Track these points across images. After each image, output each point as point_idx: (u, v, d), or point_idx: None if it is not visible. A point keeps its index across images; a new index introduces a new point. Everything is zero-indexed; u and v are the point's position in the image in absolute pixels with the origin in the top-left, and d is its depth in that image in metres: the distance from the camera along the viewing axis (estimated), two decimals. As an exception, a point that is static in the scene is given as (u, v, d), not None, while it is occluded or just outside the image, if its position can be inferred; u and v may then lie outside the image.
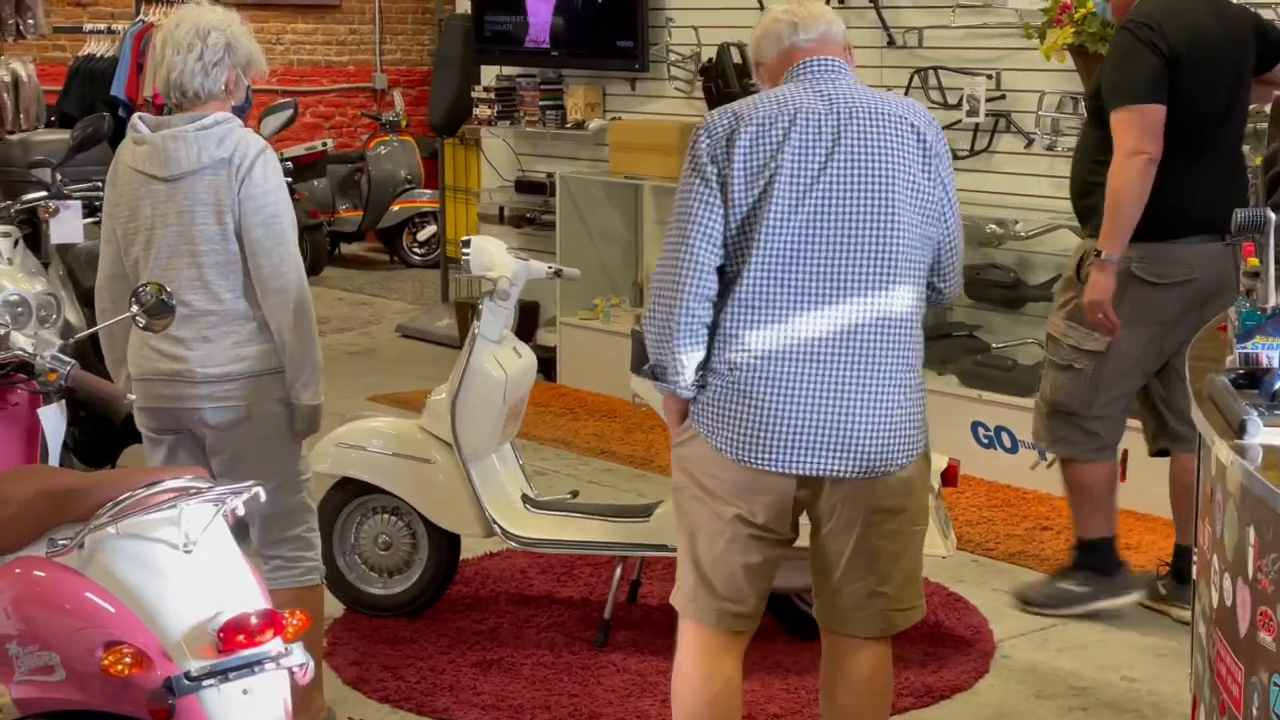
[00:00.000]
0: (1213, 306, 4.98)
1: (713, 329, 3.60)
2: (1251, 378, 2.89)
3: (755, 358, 3.56)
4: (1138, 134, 5.00)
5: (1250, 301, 3.00)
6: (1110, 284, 5.05)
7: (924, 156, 3.63)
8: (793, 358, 3.56)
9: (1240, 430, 2.62)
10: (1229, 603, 2.62)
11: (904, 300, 3.62)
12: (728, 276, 3.59)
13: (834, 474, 3.59)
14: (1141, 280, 5.11)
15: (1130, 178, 4.99)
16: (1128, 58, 5.09)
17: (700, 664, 3.82)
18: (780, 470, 3.59)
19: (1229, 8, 5.38)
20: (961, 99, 7.30)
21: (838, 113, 3.58)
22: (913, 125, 3.64)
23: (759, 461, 3.58)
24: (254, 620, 3.20)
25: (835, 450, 3.57)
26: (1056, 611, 5.48)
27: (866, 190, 3.56)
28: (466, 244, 5.33)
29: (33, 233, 6.78)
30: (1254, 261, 2.95)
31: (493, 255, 5.28)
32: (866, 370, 3.57)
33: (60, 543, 3.39)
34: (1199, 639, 2.90)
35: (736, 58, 7.84)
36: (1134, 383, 5.37)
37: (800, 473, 3.59)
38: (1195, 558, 3.08)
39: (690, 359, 3.59)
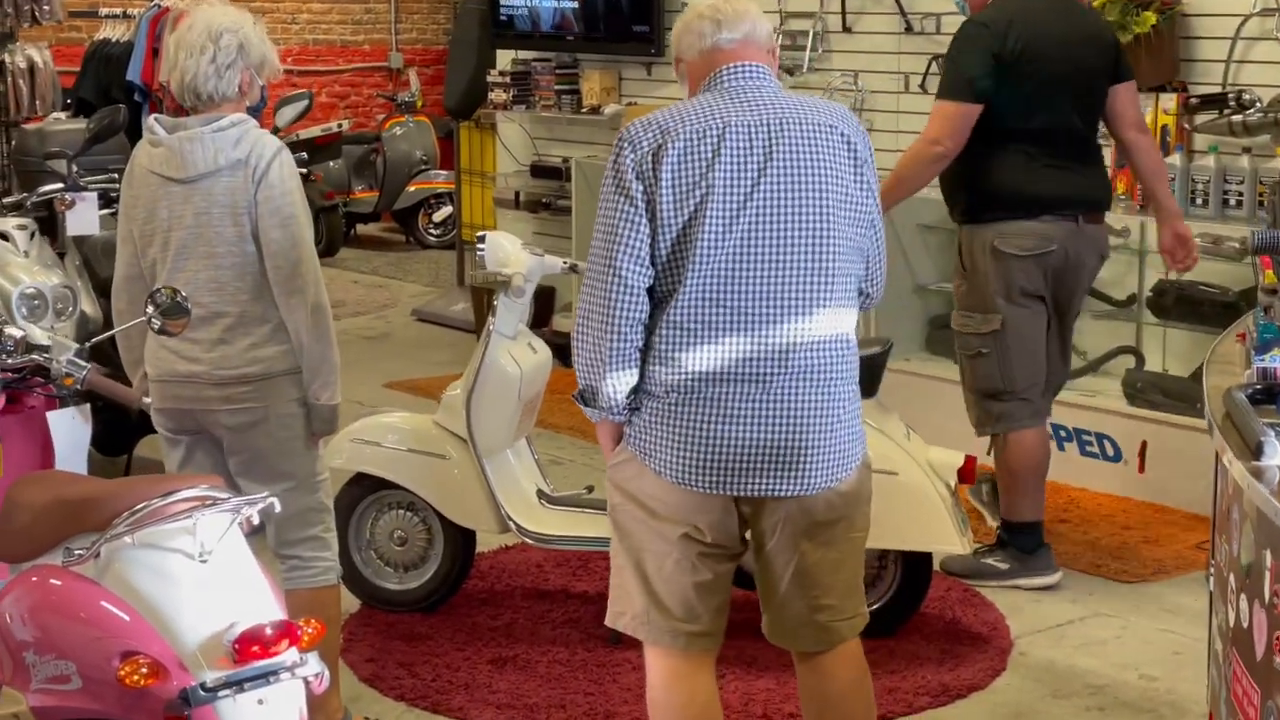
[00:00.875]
0: (1069, 280, 5.61)
1: (644, 350, 3.50)
2: (1269, 393, 2.88)
3: (692, 380, 3.46)
4: (943, 127, 5.48)
5: (1268, 316, 2.99)
6: None
7: (854, 164, 3.54)
8: (731, 379, 3.46)
9: (1257, 452, 2.61)
10: (1245, 624, 2.61)
11: (841, 313, 3.54)
12: (658, 296, 3.48)
13: (778, 494, 3.51)
14: (1005, 254, 5.46)
15: (920, 162, 5.57)
16: (959, 54, 5.51)
17: (672, 690, 3.70)
18: (723, 493, 3.51)
19: (1085, 19, 5.72)
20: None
21: (768, 124, 3.47)
22: (842, 133, 3.54)
23: (700, 485, 3.49)
24: (269, 631, 3.21)
25: (779, 471, 3.48)
26: (977, 583, 5.66)
27: (802, 204, 3.46)
28: (482, 239, 5.32)
29: (49, 222, 6.80)
30: (1271, 277, 2.94)
31: (507, 251, 5.27)
32: (808, 387, 3.48)
33: (76, 552, 3.38)
34: (1215, 655, 2.89)
35: None
36: (1039, 351, 5.64)
37: (744, 494, 3.51)
38: (1212, 570, 3.07)
39: (624, 385, 3.49)
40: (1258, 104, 6.22)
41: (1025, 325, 5.53)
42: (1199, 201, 6.41)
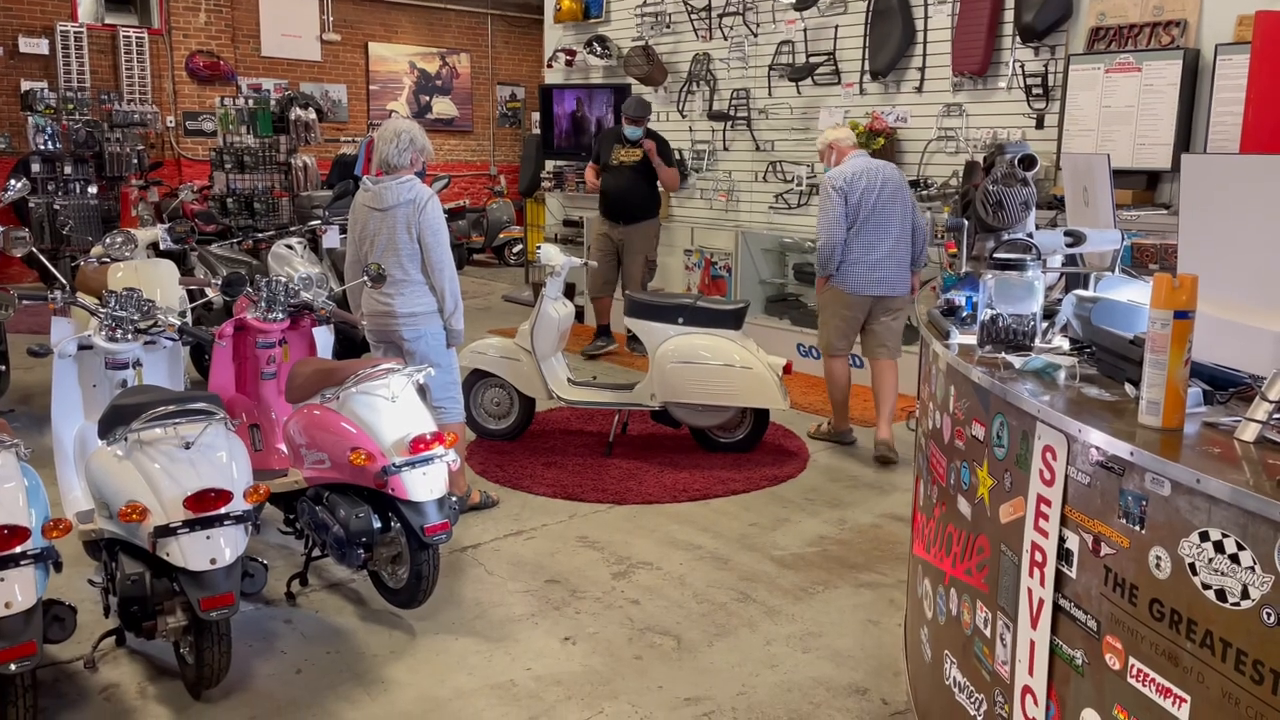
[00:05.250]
0: None
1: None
2: (950, 310, 2.79)
3: (855, 259, 4.74)
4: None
5: (949, 270, 2.89)
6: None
7: (904, 186, 4.75)
8: (868, 259, 4.73)
9: (946, 335, 2.52)
10: (939, 426, 2.53)
11: (904, 242, 4.77)
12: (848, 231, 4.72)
13: (880, 296, 4.75)
14: None
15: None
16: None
17: (833, 372, 4.94)
18: (862, 294, 4.77)
19: None
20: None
21: (876, 169, 4.70)
22: (901, 173, 4.75)
23: (857, 292, 4.77)
24: (429, 436, 3.13)
25: (882, 288, 4.76)
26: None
27: (892, 200, 4.71)
28: (539, 249, 5.19)
29: (314, 240, 6.61)
30: (952, 250, 2.84)
31: (553, 254, 5.14)
32: (893, 265, 4.74)
33: (327, 396, 3.29)
34: (921, 447, 2.81)
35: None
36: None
37: (871, 295, 4.76)
38: (918, 405, 2.98)
39: (836, 260, 4.74)
40: (934, 184, 6.12)
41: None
42: (906, 235, 6.31)
